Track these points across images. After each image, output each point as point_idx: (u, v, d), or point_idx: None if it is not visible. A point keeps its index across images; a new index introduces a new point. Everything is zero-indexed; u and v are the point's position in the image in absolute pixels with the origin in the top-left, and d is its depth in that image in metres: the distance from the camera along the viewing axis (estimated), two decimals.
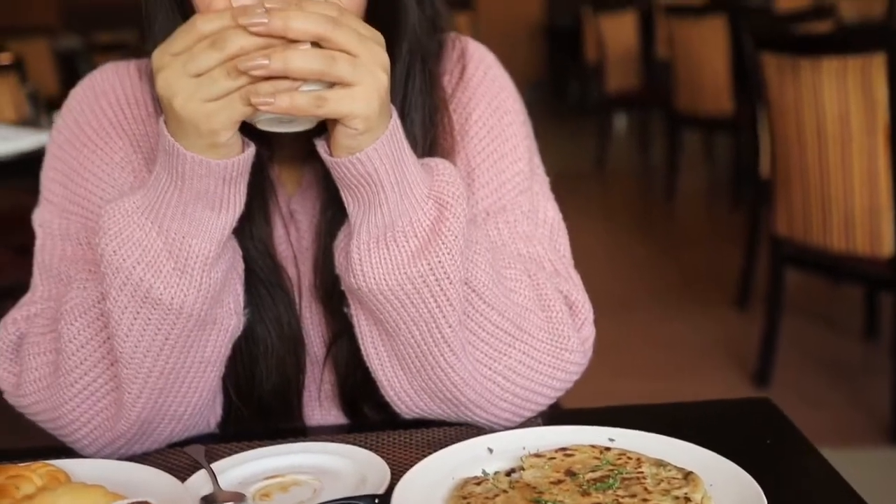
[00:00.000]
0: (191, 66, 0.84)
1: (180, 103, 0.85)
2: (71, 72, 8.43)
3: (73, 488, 0.88)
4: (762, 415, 1.08)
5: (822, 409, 3.04)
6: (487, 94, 1.12)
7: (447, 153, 1.08)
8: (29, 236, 3.66)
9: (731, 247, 4.54)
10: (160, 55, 0.86)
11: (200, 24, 0.83)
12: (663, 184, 6.31)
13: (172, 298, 0.94)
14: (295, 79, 0.83)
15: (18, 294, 3.54)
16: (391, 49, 1.00)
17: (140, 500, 0.85)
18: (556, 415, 1.08)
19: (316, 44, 0.84)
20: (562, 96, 10.40)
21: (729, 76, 5.33)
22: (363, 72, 0.85)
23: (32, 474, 0.92)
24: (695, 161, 6.73)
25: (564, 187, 1.18)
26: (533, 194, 1.11)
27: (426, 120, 1.07)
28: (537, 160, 1.15)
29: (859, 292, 3.73)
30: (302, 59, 0.82)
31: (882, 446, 2.89)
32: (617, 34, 7.12)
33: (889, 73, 2.70)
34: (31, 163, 3.34)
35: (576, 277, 1.09)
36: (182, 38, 0.84)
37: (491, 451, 0.96)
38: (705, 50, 5.43)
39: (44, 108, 3.66)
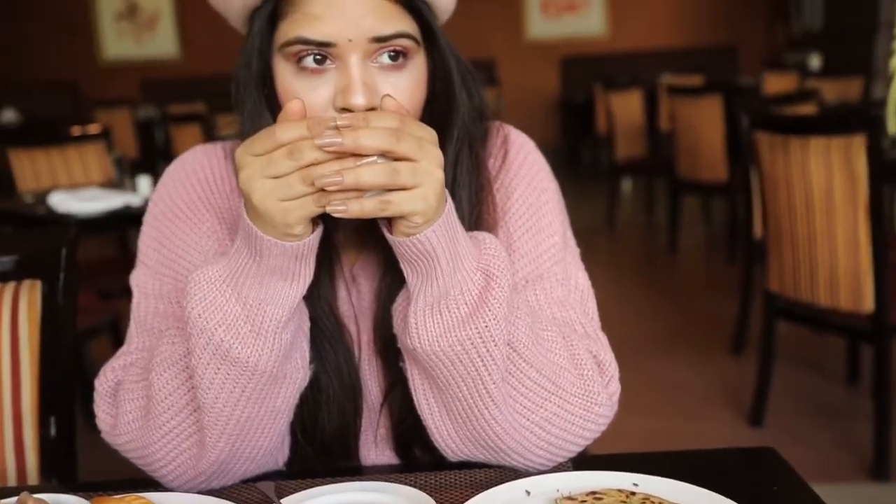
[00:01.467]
0: (269, 170, 0.84)
1: (258, 199, 0.86)
2: (149, 138, 8.57)
3: None
4: (768, 463, 1.07)
5: (811, 447, 3.01)
6: (527, 176, 1.14)
7: (491, 227, 1.09)
8: (111, 284, 3.70)
9: (726, 298, 4.53)
10: (242, 154, 0.87)
11: (279, 133, 0.84)
12: (666, 240, 6.31)
13: (248, 357, 0.95)
14: (363, 190, 0.84)
15: (101, 333, 3.57)
16: (444, 134, 1.02)
17: None
18: (584, 459, 1.07)
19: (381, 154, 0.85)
20: (575, 162, 10.42)
21: (724, 147, 5.34)
22: (422, 176, 0.85)
23: None
24: (693, 221, 6.72)
25: (578, 243, 1.18)
26: (566, 264, 1.12)
27: (472, 197, 1.08)
28: (570, 233, 1.16)
29: (842, 342, 3.70)
30: (370, 175, 0.83)
31: (865, 482, 2.85)
32: (625, 109, 7.16)
33: (868, 152, 2.70)
34: (116, 220, 3.42)
35: (603, 339, 1.10)
36: (262, 141, 0.85)
37: (528, 493, 0.96)
38: (703, 124, 5.45)
39: (127, 171, 3.70)
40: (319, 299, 1.06)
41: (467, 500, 0.93)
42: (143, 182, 3.72)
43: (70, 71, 11.86)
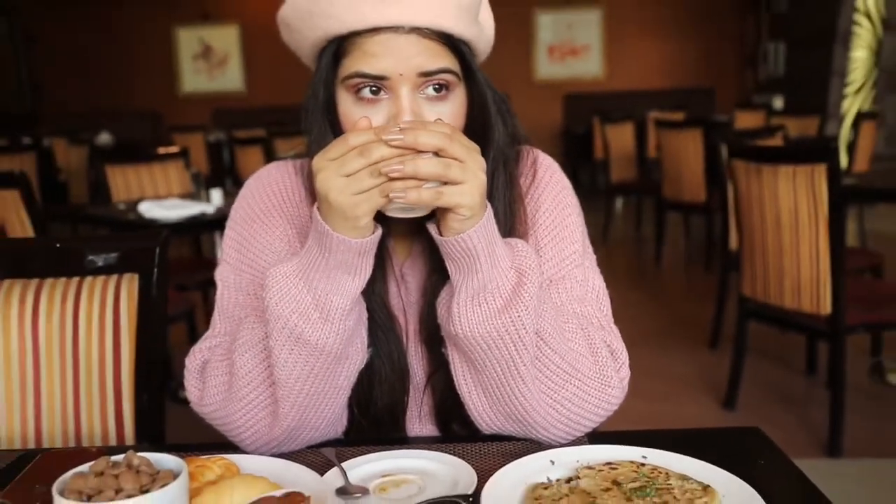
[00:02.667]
0: (343, 169, 0.86)
1: (334, 196, 0.87)
2: (218, 158, 8.61)
3: (245, 478, 0.88)
4: (755, 440, 1.06)
5: (775, 427, 2.96)
6: (553, 192, 1.13)
7: (521, 235, 1.08)
8: (187, 279, 3.69)
9: (704, 301, 4.49)
10: (319, 160, 0.88)
11: (351, 139, 0.86)
12: (652, 252, 6.25)
13: (318, 340, 0.95)
14: (420, 179, 0.86)
15: (178, 320, 3.56)
16: (482, 155, 1.02)
17: (294, 490, 0.84)
18: (598, 435, 1.06)
19: (436, 153, 0.87)
20: (576, 184, 10.13)
21: (703, 173, 5.31)
22: (470, 174, 0.87)
23: (213, 465, 0.93)
24: (676, 235, 6.66)
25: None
26: (585, 268, 1.11)
27: (507, 209, 1.07)
28: (587, 242, 1.15)
29: (803, 339, 3.66)
30: (427, 166, 0.85)
31: (821, 458, 2.81)
32: (618, 139, 7.13)
33: (828, 178, 2.69)
34: (193, 225, 3.43)
35: (616, 331, 1.09)
36: (336, 148, 0.87)
37: (553, 462, 0.95)
38: (685, 153, 5.41)
39: (203, 185, 3.71)
40: (374, 294, 1.06)
41: (500, 467, 0.92)
42: (215, 194, 3.72)
43: (154, 102, 11.97)
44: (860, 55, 7.83)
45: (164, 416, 1.40)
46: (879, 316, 2.88)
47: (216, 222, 3.43)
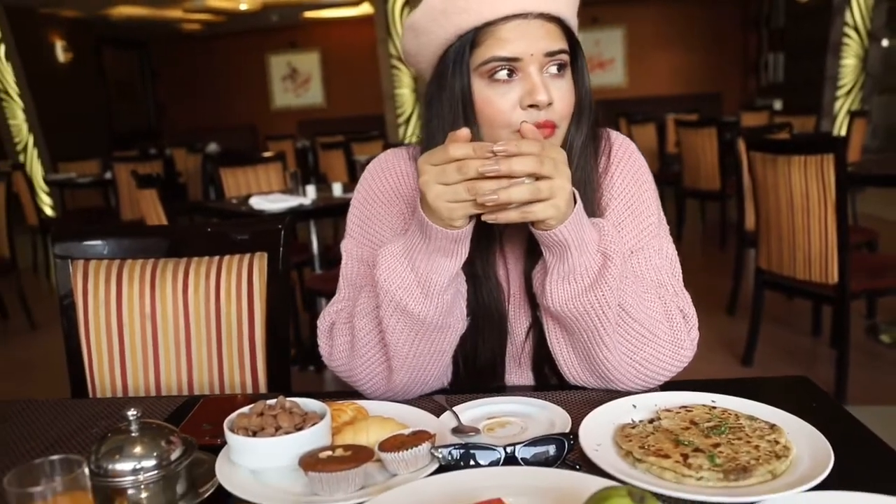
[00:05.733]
0: (442, 178, 0.82)
1: (431, 199, 0.83)
2: (304, 160, 8.67)
3: (378, 419, 0.87)
4: (804, 387, 1.01)
5: None
6: (630, 170, 1.07)
7: (602, 211, 1.04)
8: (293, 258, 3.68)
9: (720, 275, 4.37)
10: (423, 163, 0.84)
11: (451, 150, 0.81)
12: (673, 233, 6.04)
13: (419, 312, 0.93)
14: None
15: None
16: (573, 143, 0.98)
17: (420, 429, 0.83)
18: (667, 385, 1.01)
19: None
20: None
21: (717, 164, 5.16)
22: (556, 190, 0.83)
23: (347, 409, 0.92)
24: (694, 219, 6.48)
25: None
26: (660, 238, 1.06)
27: (589, 188, 1.02)
28: (661, 214, 1.09)
29: (809, 305, 3.55)
30: (518, 193, 0.81)
31: None
32: (643, 137, 6.97)
33: (836, 166, 2.59)
34: (293, 215, 3.44)
35: (687, 296, 1.04)
36: (439, 155, 0.83)
37: (635, 406, 0.92)
38: (701, 147, 5.27)
39: (299, 182, 3.73)
40: (484, 266, 1.03)
41: (588, 412, 0.89)
42: (310, 189, 3.74)
43: (251, 117, 12.14)
44: (849, 62, 7.59)
45: (290, 371, 1.40)
46: (878, 283, 2.81)
47: (311, 213, 3.45)
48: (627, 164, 1.07)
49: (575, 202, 0.87)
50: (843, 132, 6.30)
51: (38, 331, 4.44)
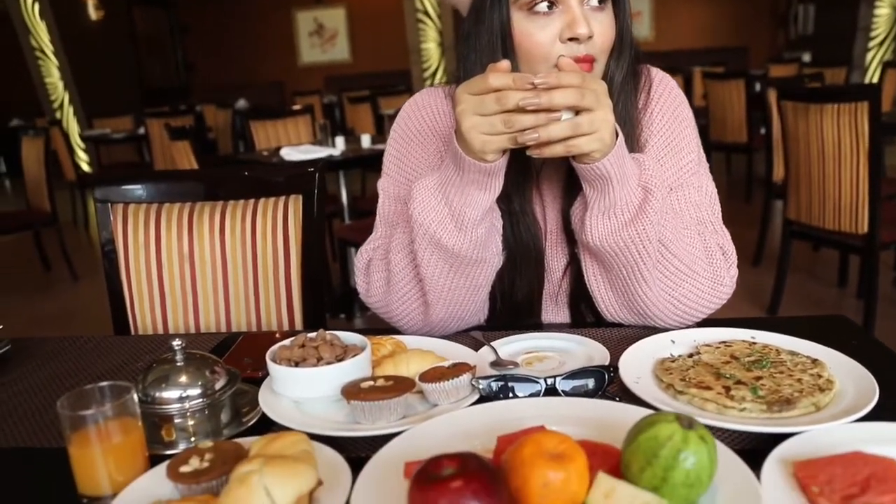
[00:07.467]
0: (479, 108, 0.79)
1: (466, 129, 0.80)
2: (332, 115, 8.61)
3: (416, 352, 0.86)
4: (843, 325, 0.98)
5: None
6: (670, 106, 1.03)
7: (642, 147, 1.00)
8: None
9: (745, 227, 4.25)
10: (461, 92, 0.81)
11: (491, 79, 0.78)
12: None
13: (453, 245, 0.91)
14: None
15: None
16: (613, 78, 0.94)
17: (460, 361, 0.82)
18: (706, 321, 0.99)
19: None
20: None
21: (744, 117, 5.02)
22: (599, 123, 0.79)
23: (386, 342, 0.91)
24: (718, 172, 6.37)
25: None
26: (700, 175, 1.02)
27: (629, 125, 0.98)
28: (701, 151, 1.05)
29: (835, 257, 3.48)
30: (559, 130, 0.79)
31: None
32: None
33: (870, 114, 2.49)
34: (320, 164, 3.42)
35: (727, 233, 1.00)
36: (478, 84, 0.79)
37: (673, 342, 0.90)
38: (729, 100, 5.13)
39: (329, 133, 3.70)
40: (522, 201, 1.00)
41: (626, 347, 0.87)
42: (339, 141, 3.71)
43: (278, 73, 12.04)
44: (884, 12, 7.28)
45: (325, 309, 1.40)
46: None
47: (340, 164, 3.42)
48: (668, 101, 1.03)
49: (617, 136, 0.84)
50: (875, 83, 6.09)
51: (80, 281, 4.51)
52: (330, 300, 3.44)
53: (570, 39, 0.88)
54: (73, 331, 3.64)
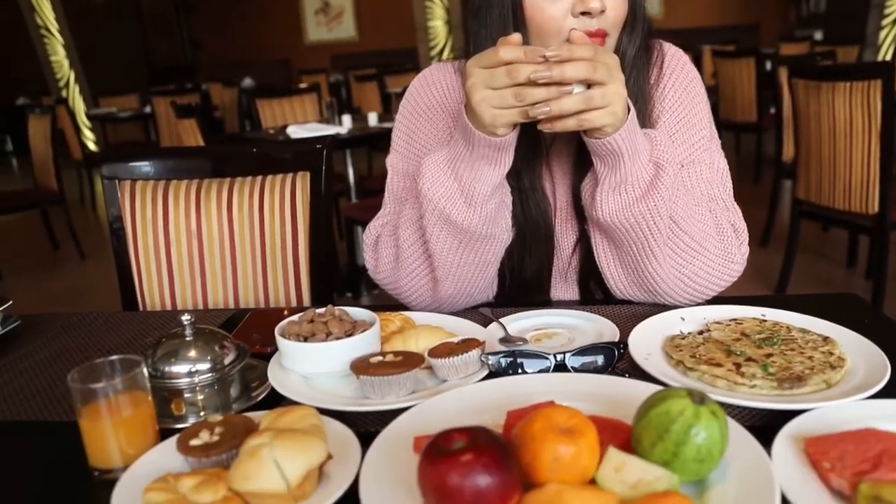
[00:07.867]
0: (490, 82, 0.78)
1: (477, 103, 0.79)
2: (338, 93, 8.57)
3: (425, 328, 0.86)
4: (854, 303, 0.97)
5: None
6: (683, 82, 1.01)
7: (653, 123, 0.99)
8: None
9: (754, 208, 4.21)
10: (471, 65, 0.80)
11: (502, 52, 0.77)
12: None
13: (462, 221, 0.90)
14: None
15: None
16: (625, 53, 0.92)
17: (469, 337, 0.82)
18: (716, 300, 0.98)
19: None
20: None
21: (754, 96, 4.96)
22: (611, 96, 0.78)
23: (395, 318, 0.91)
24: (727, 151, 6.30)
25: None
26: (712, 152, 1.00)
27: (640, 100, 0.97)
28: (713, 127, 1.03)
29: (843, 237, 3.46)
30: (571, 104, 0.77)
31: None
32: None
33: (883, 93, 2.46)
34: (327, 141, 3.40)
35: (738, 210, 0.99)
36: (489, 57, 0.78)
37: (683, 319, 0.89)
38: (739, 78, 5.06)
39: (336, 111, 3.68)
40: (531, 176, 0.99)
41: (635, 325, 0.87)
42: (346, 119, 3.69)
43: (285, 51, 11.97)
44: None
45: (333, 286, 1.39)
46: None
47: (347, 142, 3.41)
48: (680, 76, 1.01)
49: (629, 110, 0.83)
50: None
51: (87, 260, 4.53)
52: (337, 279, 3.45)
53: (583, 13, 0.86)
54: (81, 309, 3.65)
